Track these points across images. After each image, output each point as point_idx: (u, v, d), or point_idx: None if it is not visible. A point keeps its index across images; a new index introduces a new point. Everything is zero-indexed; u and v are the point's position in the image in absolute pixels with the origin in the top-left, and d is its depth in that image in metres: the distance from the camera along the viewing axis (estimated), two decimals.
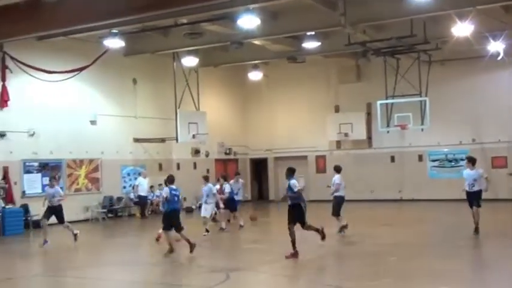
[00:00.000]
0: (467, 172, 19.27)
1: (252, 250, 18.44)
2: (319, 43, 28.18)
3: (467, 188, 19.09)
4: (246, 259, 16.89)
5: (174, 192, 17.21)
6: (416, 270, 13.75)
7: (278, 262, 15.73)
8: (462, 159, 32.51)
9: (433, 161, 33.72)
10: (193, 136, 30.40)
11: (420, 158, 33.91)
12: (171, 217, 17.08)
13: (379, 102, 31.64)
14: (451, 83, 32.65)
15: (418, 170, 33.79)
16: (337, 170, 20.65)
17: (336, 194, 20.08)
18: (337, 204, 20.07)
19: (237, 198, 23.57)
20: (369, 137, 35.17)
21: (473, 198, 18.94)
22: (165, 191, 17.07)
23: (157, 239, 19.31)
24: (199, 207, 33.14)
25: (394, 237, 19.82)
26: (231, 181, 23.93)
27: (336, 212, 20.02)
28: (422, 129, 31.30)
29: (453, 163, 33.21)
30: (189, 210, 32.32)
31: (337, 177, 20.32)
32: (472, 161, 19.33)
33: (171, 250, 16.68)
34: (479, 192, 19.01)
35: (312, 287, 12.77)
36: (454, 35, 25.01)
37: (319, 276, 13.67)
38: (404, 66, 31.37)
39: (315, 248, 17.02)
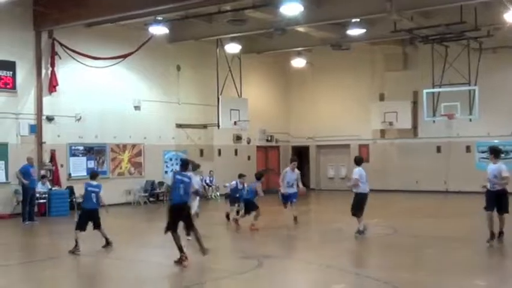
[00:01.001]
0: (490, 166, 15.89)
1: (286, 237, 18.12)
2: (364, 30, 27.56)
3: (488, 186, 15.65)
4: (280, 246, 16.75)
5: (91, 188, 15.60)
6: (452, 264, 13.41)
7: (312, 250, 15.50)
8: None
9: (482, 152, 32.73)
10: (235, 123, 30.54)
11: (468, 149, 32.99)
12: (87, 217, 15.55)
13: (425, 90, 30.85)
14: (502, 71, 31.61)
15: (465, 161, 32.85)
16: (357, 162, 17.52)
17: (356, 190, 17.10)
18: (357, 202, 17.12)
19: (292, 190, 19.91)
20: (415, 127, 34.39)
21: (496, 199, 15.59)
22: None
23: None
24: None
25: (435, 229, 19.34)
26: (287, 168, 20.49)
27: (355, 211, 17.10)
28: (470, 120, 30.41)
29: (503, 155, 32.17)
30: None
31: (356, 171, 17.16)
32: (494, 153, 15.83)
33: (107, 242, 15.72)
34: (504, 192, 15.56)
35: (343, 275, 12.41)
36: (506, 22, 24.26)
37: (352, 265, 13.44)
38: (453, 54, 30.37)
39: (353, 236, 16.80)
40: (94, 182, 15.73)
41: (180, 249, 13.21)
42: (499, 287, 11.41)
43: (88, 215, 15.55)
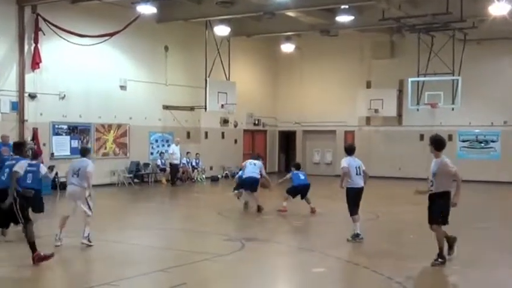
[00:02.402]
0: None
1: (270, 221, 18.42)
2: (352, 17, 27.88)
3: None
4: (263, 230, 16.92)
5: (30, 168, 13.37)
6: (433, 250, 13.61)
7: (295, 234, 15.77)
8: (493, 141, 32.32)
9: (463, 141, 33.32)
10: (222, 106, 30.64)
11: (450, 137, 33.30)
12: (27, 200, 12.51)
13: (410, 79, 31.25)
14: (485, 63, 32.10)
15: (447, 149, 32.65)
16: (347, 150, 14.85)
17: (347, 185, 14.36)
18: (348, 199, 14.49)
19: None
20: (399, 115, 34.81)
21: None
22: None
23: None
24: (226, 176, 33.55)
25: (417, 215, 19.58)
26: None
27: (349, 210, 14.52)
28: (453, 109, 30.94)
29: (483, 144, 32.83)
30: (215, 179, 32.52)
31: (343, 160, 14.42)
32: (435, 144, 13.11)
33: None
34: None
35: (324, 259, 12.67)
36: (491, 14, 24.58)
37: (333, 250, 13.56)
38: (438, 43, 30.77)
39: (336, 222, 17.03)
40: (34, 161, 14.49)
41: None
42: (472, 272, 11.71)
43: (26, 199, 12.40)
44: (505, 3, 22.49)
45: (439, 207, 12.31)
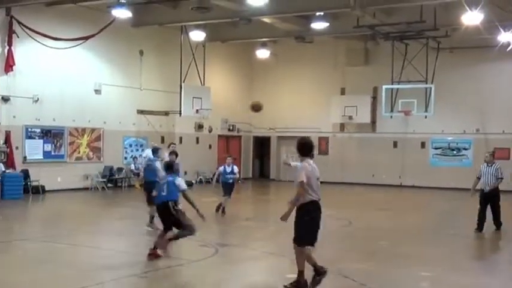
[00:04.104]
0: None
1: (245, 227, 18.47)
2: (327, 24, 28.01)
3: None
4: (237, 235, 16.99)
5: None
6: (403, 256, 13.83)
7: (269, 240, 15.84)
8: (465, 149, 32.64)
9: (436, 148, 33.67)
10: (197, 111, 30.63)
11: (423, 145, 33.86)
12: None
13: (384, 86, 31.52)
14: (458, 71, 32.46)
15: (420, 156, 33.72)
16: (300, 149, 10.30)
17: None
18: (302, 224, 10.11)
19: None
20: (373, 121, 35.06)
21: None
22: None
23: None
24: (201, 181, 33.49)
25: (389, 222, 19.87)
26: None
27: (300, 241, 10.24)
28: (426, 116, 31.19)
29: (455, 152, 33.18)
30: (189, 184, 32.35)
31: (299, 166, 10.26)
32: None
33: None
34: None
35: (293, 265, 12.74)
36: (463, 23, 24.87)
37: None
38: (412, 51, 31.10)
39: None
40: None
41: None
42: (443, 277, 11.78)
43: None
44: (477, 13, 22.74)
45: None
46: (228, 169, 20.40)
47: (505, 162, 31.06)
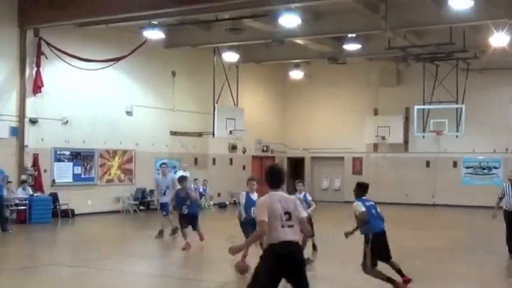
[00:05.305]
0: None
1: None
2: (360, 45, 28.27)
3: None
4: None
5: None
6: (439, 274, 13.77)
7: None
8: (495, 167, 32.72)
9: (467, 167, 33.78)
10: (230, 132, 30.46)
11: (455, 164, 33.98)
12: None
13: (416, 107, 31.73)
14: (488, 91, 32.74)
15: (452, 176, 33.81)
16: (271, 180, 8.20)
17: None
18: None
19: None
20: (406, 141, 35.23)
21: None
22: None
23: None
24: (234, 203, 33.57)
25: (423, 241, 19.83)
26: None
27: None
28: (457, 136, 31.36)
29: (486, 171, 33.25)
30: (223, 206, 32.49)
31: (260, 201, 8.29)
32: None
33: None
34: None
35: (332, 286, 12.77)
36: (491, 45, 25.02)
37: (339, 276, 13.55)
38: (442, 72, 31.44)
39: (340, 247, 17.02)
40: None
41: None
42: None
43: None
44: (504, 35, 22.96)
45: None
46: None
47: None
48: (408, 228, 23.61)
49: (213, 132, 30.01)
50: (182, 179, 17.92)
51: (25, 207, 23.23)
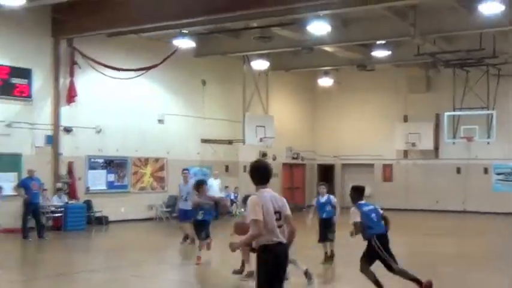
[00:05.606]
0: None
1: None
2: (389, 52, 28.28)
3: None
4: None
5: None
6: (469, 282, 13.69)
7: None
8: None
9: (498, 174, 33.52)
10: (260, 139, 30.54)
11: (486, 170, 33.69)
12: None
13: (446, 113, 31.60)
14: None
15: (483, 182, 33.55)
16: (256, 176, 8.13)
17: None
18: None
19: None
20: (436, 148, 35.04)
21: None
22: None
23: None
24: None
25: (454, 248, 19.72)
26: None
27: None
28: (488, 142, 31.17)
29: None
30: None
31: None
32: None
33: None
34: None
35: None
36: None
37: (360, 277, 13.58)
38: (473, 78, 31.32)
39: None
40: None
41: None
42: None
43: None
44: None
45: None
46: (322, 199, 15.57)
47: None
48: (438, 235, 23.55)
49: (243, 139, 30.09)
50: (199, 184, 16.53)
51: (61, 215, 23.58)
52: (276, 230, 7.61)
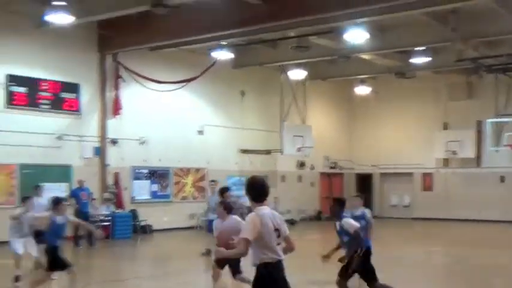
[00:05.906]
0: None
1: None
2: (428, 58, 27.79)
3: None
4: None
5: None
6: None
7: None
8: None
9: None
10: (298, 149, 30.61)
11: None
12: None
13: (488, 120, 30.89)
14: None
15: None
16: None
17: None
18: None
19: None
20: (478, 156, 34.22)
21: None
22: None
23: None
24: (304, 219, 33.32)
25: (502, 258, 19.23)
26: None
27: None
28: None
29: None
30: (292, 223, 32.28)
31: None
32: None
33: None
34: None
35: None
36: None
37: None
38: None
39: (417, 264, 16.76)
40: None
41: None
42: None
43: None
44: None
45: None
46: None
47: None
48: (483, 245, 23.02)
49: (281, 149, 30.18)
50: (223, 191, 15.79)
51: (109, 223, 24.25)
52: (276, 248, 7.42)
